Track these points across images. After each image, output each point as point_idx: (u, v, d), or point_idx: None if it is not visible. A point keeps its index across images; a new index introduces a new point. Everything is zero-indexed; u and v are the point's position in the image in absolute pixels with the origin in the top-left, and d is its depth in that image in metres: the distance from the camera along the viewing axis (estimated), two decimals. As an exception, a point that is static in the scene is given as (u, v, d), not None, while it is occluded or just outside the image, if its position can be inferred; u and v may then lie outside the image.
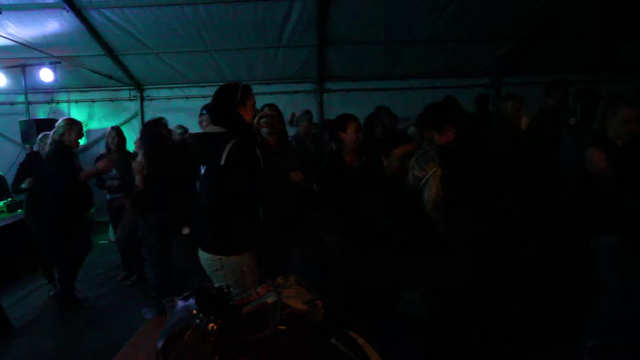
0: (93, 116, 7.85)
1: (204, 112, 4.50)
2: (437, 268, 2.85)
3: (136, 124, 7.72)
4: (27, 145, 6.60)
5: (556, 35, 6.28)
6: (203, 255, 2.73)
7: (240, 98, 2.75)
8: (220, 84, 7.51)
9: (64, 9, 5.36)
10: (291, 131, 5.21)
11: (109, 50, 6.45)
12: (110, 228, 6.33)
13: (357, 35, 6.29)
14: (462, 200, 2.93)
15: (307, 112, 5.89)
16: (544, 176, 4.07)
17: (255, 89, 3.04)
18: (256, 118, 3.51)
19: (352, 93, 7.18)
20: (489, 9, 5.74)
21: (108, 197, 5.48)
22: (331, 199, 3.42)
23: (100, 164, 4.75)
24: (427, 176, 2.83)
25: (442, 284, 2.85)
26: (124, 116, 7.86)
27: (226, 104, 2.76)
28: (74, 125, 4.49)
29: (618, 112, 2.95)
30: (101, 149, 6.28)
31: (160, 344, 1.68)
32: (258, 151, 2.70)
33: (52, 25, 5.76)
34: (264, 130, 3.70)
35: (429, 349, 2.84)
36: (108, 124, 6.68)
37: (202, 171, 2.78)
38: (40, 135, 5.17)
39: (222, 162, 2.59)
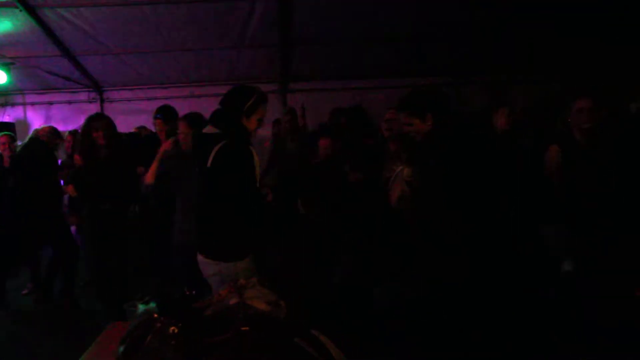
0: (51, 119, 7.62)
1: (158, 115, 4.39)
2: (436, 267, 2.89)
3: (96, 127, 7.52)
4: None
5: (513, 36, 6.41)
6: (199, 257, 2.74)
7: (247, 109, 2.64)
8: (182, 85, 7.38)
9: (17, 7, 5.15)
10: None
11: (65, 51, 6.26)
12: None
13: (320, 35, 6.28)
14: (439, 195, 2.95)
15: (290, 111, 5.84)
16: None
17: (219, 89, 3.04)
18: None
19: (317, 93, 7.19)
20: (453, 9, 5.82)
21: None
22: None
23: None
24: (394, 175, 2.87)
25: (441, 283, 2.88)
26: (84, 118, 7.62)
27: (230, 107, 2.68)
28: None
29: (573, 104, 3.08)
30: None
31: (121, 349, 1.65)
32: (254, 156, 2.61)
33: (4, 24, 5.53)
34: None
35: (429, 349, 2.87)
36: (67, 127, 6.52)
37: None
38: None
39: (209, 163, 2.56)
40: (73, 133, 5.81)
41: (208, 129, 2.67)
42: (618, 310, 2.96)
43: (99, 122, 4.13)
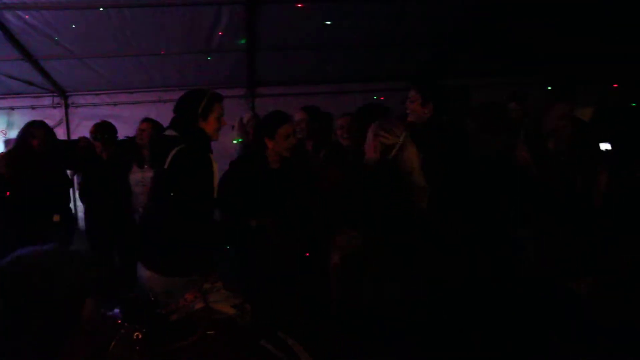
0: (13, 125, 7.40)
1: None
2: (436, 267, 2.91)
3: (61, 132, 7.34)
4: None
5: (475, 40, 6.57)
6: (147, 274, 2.52)
7: (202, 111, 2.61)
8: (149, 90, 7.31)
9: (-25, 10, 5.05)
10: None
11: (27, 55, 6.12)
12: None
13: (287, 40, 6.32)
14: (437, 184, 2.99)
15: (254, 117, 5.81)
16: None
17: None
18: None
19: (284, 98, 7.22)
20: (414, 15, 5.93)
21: None
22: None
23: None
24: (400, 141, 2.79)
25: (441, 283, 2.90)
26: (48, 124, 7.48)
27: (184, 112, 2.66)
28: None
29: (551, 108, 3.14)
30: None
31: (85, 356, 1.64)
32: (212, 163, 2.57)
33: (-40, 27, 5.42)
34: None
35: (429, 349, 2.89)
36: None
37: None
38: None
39: (166, 165, 2.51)
40: None
41: (168, 132, 2.66)
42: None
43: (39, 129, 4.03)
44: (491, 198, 3.15)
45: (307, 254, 3.12)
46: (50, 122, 7.38)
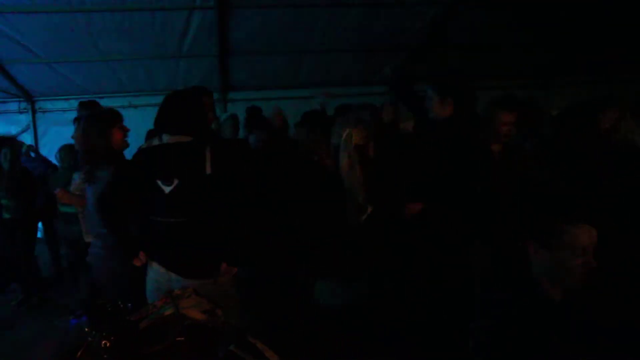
0: (-22, 130, 7.25)
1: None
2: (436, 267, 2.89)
3: (28, 138, 7.20)
4: None
5: (446, 44, 6.68)
6: (185, 282, 2.38)
7: (209, 106, 2.65)
8: (120, 95, 7.19)
9: None
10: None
11: (-8, 59, 6.00)
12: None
13: (258, 45, 6.33)
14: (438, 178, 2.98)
15: (232, 117, 5.70)
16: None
17: (157, 99, 2.87)
18: None
19: (256, 102, 7.19)
20: (385, 20, 6.01)
21: None
22: None
23: None
24: (341, 143, 2.81)
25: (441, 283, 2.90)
26: (14, 130, 7.30)
27: (194, 112, 2.53)
28: None
29: (495, 115, 3.19)
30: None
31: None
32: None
33: None
34: None
35: (429, 349, 2.88)
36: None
37: (167, 188, 2.43)
38: None
39: (208, 170, 2.37)
40: None
41: (175, 139, 2.47)
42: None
43: None
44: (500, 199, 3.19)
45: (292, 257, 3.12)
46: (16, 128, 7.30)
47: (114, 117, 3.00)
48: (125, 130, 3.04)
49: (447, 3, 5.81)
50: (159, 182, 2.43)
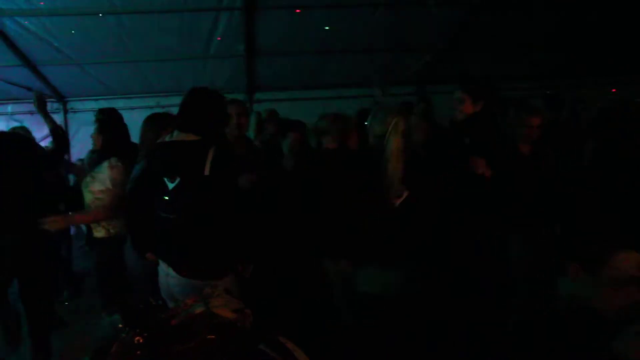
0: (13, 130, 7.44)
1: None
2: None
3: (60, 138, 7.38)
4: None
5: (473, 45, 6.62)
6: (180, 280, 2.44)
7: (226, 114, 2.63)
8: (147, 95, 7.30)
9: (-27, 16, 5.08)
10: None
11: (26, 61, 6.14)
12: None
13: (284, 46, 6.36)
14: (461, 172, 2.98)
15: (255, 114, 5.58)
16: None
17: None
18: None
19: (282, 103, 7.24)
20: (411, 20, 5.98)
21: None
22: None
23: None
24: (389, 129, 2.82)
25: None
26: (47, 129, 7.46)
27: (204, 111, 2.52)
28: None
29: (523, 120, 3.20)
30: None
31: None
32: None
33: (-40, 33, 5.45)
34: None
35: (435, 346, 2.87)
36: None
37: (170, 185, 2.46)
38: None
39: (207, 172, 2.35)
40: None
41: (181, 136, 2.48)
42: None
43: None
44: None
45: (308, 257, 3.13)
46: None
47: (169, 123, 3.05)
48: None
49: (471, 5, 5.77)
50: (165, 178, 2.48)
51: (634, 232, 2.76)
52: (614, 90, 7.64)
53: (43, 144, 6.50)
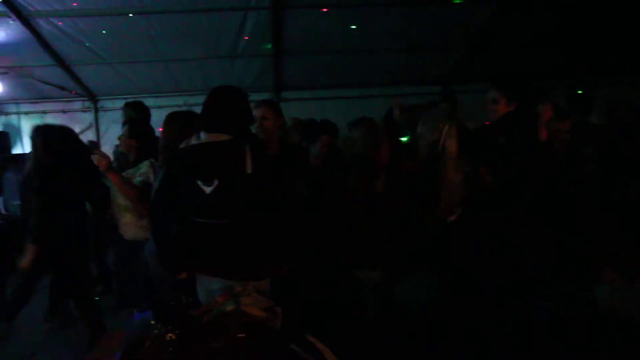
0: (46, 128, 7.63)
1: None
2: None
3: (91, 136, 7.54)
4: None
5: (500, 45, 6.52)
6: (226, 283, 2.24)
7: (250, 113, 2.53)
8: (176, 94, 7.38)
9: (10, 17, 5.19)
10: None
11: (59, 61, 6.29)
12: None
13: (312, 45, 6.36)
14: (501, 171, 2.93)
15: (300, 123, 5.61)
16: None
17: None
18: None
19: (309, 102, 7.25)
20: (440, 20, 5.92)
21: None
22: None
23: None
24: (442, 136, 2.77)
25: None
26: (78, 128, 7.62)
27: (233, 110, 2.45)
28: None
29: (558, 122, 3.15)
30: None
31: (119, 355, 1.68)
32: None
33: (-3, 34, 5.60)
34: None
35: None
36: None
37: (208, 189, 2.33)
38: None
39: (249, 170, 2.27)
40: None
41: (213, 137, 2.39)
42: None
43: None
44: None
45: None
46: (80, 126, 7.64)
47: (193, 124, 2.86)
48: None
49: (498, 3, 5.68)
50: (199, 182, 2.35)
51: (634, 232, 2.73)
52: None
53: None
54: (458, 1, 5.70)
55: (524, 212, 3.06)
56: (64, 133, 3.77)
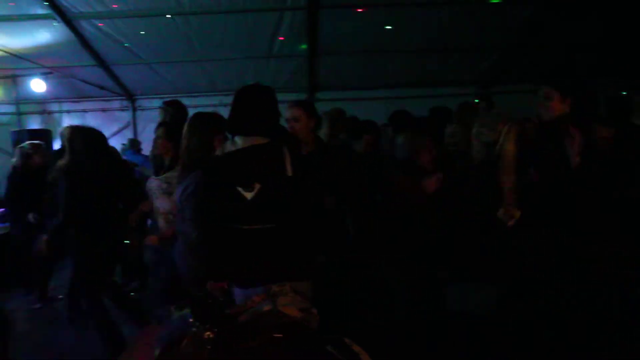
0: (86, 126, 7.85)
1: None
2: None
3: (128, 134, 7.73)
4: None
5: (537, 45, 6.39)
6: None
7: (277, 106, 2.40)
8: (211, 94, 7.46)
9: (55, 19, 5.37)
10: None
11: (100, 61, 6.46)
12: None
13: (346, 45, 6.35)
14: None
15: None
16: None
17: None
18: None
19: (342, 102, 7.22)
20: (476, 20, 5.83)
21: None
22: None
23: None
24: (501, 138, 2.69)
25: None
26: (116, 126, 7.86)
27: (266, 110, 2.36)
28: None
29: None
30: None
31: (157, 351, 1.70)
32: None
33: (42, 35, 5.79)
34: None
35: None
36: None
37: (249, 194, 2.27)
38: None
39: (289, 172, 2.23)
40: None
41: (250, 141, 2.32)
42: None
43: None
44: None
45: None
46: (118, 125, 7.83)
47: (218, 127, 2.87)
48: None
49: (538, 3, 5.58)
50: (240, 189, 2.29)
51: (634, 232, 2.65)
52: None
53: (113, 140, 6.84)
54: (496, 1, 5.60)
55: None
56: (100, 135, 3.90)
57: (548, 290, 2.90)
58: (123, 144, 7.06)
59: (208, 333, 1.61)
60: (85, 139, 3.69)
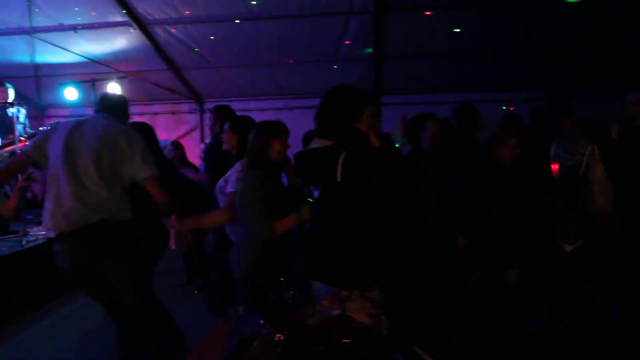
0: (156, 128, 8.06)
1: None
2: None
3: (196, 136, 7.97)
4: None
5: (615, 45, 6.05)
6: (320, 286, 2.26)
7: (357, 107, 2.33)
8: (277, 97, 7.56)
9: (131, 26, 5.64)
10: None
11: (171, 65, 6.72)
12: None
13: (414, 49, 6.29)
14: None
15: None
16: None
17: (313, 102, 2.81)
18: None
19: (408, 107, 7.11)
20: (548, 22, 5.60)
21: None
22: None
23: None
24: (584, 161, 2.58)
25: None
26: (185, 128, 8.11)
27: (337, 114, 2.34)
28: None
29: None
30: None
31: (229, 348, 1.73)
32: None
33: (119, 42, 6.12)
34: None
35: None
36: (170, 136, 6.94)
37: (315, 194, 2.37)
38: None
39: (338, 178, 2.21)
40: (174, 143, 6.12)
41: (317, 143, 2.36)
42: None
43: None
44: None
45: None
46: (187, 127, 8.09)
47: (278, 130, 2.92)
48: (285, 146, 2.89)
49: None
50: (312, 188, 2.40)
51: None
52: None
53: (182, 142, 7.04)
54: (571, 1, 5.35)
55: None
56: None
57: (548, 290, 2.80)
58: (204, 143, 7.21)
59: (278, 335, 1.62)
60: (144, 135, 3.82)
